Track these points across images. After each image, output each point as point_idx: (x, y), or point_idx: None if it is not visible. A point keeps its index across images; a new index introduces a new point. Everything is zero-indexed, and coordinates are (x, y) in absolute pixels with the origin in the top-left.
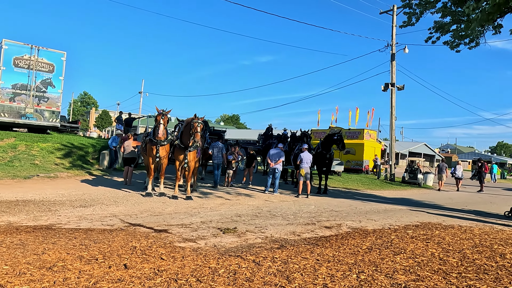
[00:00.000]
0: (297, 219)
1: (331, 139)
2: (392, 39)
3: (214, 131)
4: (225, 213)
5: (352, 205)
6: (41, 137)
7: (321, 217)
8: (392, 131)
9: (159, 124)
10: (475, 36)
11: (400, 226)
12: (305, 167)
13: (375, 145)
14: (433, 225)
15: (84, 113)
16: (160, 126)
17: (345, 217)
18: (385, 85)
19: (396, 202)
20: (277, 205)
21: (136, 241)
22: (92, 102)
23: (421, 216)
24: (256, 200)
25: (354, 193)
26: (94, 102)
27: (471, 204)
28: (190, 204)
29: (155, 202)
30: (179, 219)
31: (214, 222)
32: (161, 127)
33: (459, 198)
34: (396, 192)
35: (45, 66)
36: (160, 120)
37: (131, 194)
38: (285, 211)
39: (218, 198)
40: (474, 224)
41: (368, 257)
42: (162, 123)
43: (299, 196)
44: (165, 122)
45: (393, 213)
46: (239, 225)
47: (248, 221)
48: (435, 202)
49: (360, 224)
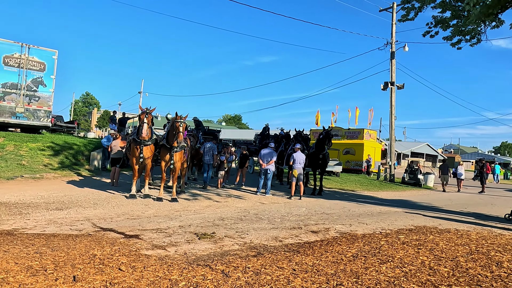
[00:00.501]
0: (283, 223)
1: (320, 138)
2: (391, 37)
3: (209, 130)
4: (209, 216)
5: (346, 207)
6: (32, 137)
7: (310, 221)
8: (392, 131)
9: (142, 123)
10: (476, 33)
11: (392, 230)
12: (297, 167)
13: (375, 145)
14: (428, 229)
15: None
16: (144, 125)
17: (335, 221)
18: (385, 84)
19: (392, 204)
20: (267, 207)
21: (99, 248)
22: (94, 103)
23: (416, 219)
24: (246, 202)
25: (350, 195)
26: (96, 103)
27: (471, 206)
28: (174, 207)
29: (137, 205)
30: (156, 223)
31: (193, 227)
32: (145, 126)
33: (459, 199)
34: (394, 193)
35: (36, 65)
36: (144, 119)
37: (114, 196)
38: (273, 214)
39: (206, 200)
40: (472, 228)
41: (351, 266)
42: (146, 122)
43: (291, 197)
44: (149, 121)
45: (387, 216)
46: (220, 229)
47: (230, 225)
48: (434, 204)
49: (350, 228)
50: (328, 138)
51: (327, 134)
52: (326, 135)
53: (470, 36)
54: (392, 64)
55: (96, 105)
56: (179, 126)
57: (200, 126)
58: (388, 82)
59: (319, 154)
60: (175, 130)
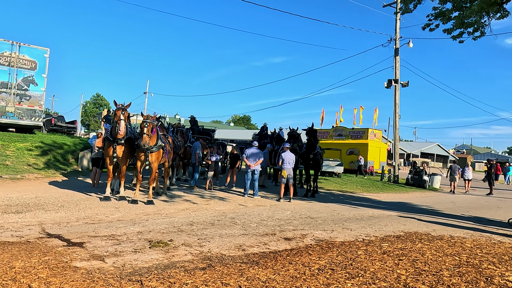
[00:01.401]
0: (258, 228)
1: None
2: (395, 33)
3: (204, 130)
4: (179, 220)
5: (336, 210)
6: (21, 137)
7: (289, 226)
8: (396, 130)
9: (119, 120)
10: (479, 25)
11: (378, 237)
12: (286, 168)
13: (380, 145)
14: (419, 236)
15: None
16: (121, 122)
17: (317, 226)
18: (388, 81)
19: (389, 206)
20: (249, 210)
21: (25, 259)
22: (104, 104)
23: (409, 224)
24: (228, 205)
25: (347, 197)
26: (107, 104)
27: (475, 209)
28: (146, 210)
29: (106, 208)
30: (114, 229)
31: (153, 233)
32: (122, 124)
33: (463, 201)
34: (395, 195)
35: (27, 63)
36: (120, 115)
37: (88, 198)
38: (251, 218)
39: (185, 202)
40: (469, 234)
41: (311, 282)
42: (123, 118)
43: (280, 200)
44: (125, 117)
45: (378, 220)
46: (181, 236)
47: (197, 231)
48: (434, 207)
49: (330, 234)
50: (311, 136)
51: (309, 132)
52: (307, 133)
53: (473, 28)
54: (396, 61)
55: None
56: (143, 127)
57: (195, 125)
58: (392, 80)
59: (309, 153)
60: (140, 131)
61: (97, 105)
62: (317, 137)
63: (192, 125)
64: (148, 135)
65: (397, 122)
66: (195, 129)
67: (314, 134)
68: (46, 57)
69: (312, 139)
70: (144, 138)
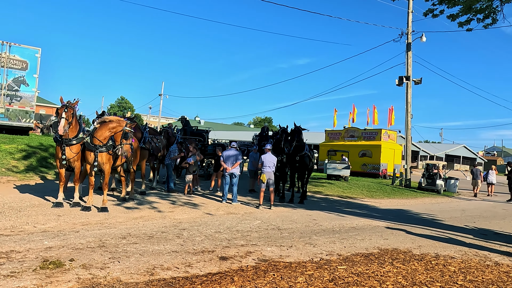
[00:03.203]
0: (200, 244)
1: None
2: (407, 26)
3: (198, 130)
4: (114, 232)
5: (316, 219)
6: (9, 139)
7: (241, 240)
8: (408, 131)
9: (60, 118)
10: (491, 11)
11: (341, 256)
12: (267, 171)
13: (394, 146)
14: (395, 254)
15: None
16: (62, 120)
17: (276, 240)
18: (399, 78)
19: (384, 215)
20: (212, 219)
21: None
22: (128, 107)
23: (393, 238)
24: (194, 213)
25: (343, 203)
26: (131, 107)
27: (486, 218)
28: (90, 219)
29: (46, 215)
30: (23, 243)
31: (64, 249)
32: (62, 122)
33: (475, 209)
34: (400, 201)
35: (18, 64)
36: (62, 113)
37: (43, 204)
38: (206, 229)
39: (146, 210)
40: (461, 252)
41: None
42: (64, 116)
43: (259, 206)
44: (68, 115)
45: (356, 233)
46: (93, 254)
47: (121, 246)
48: (438, 216)
49: (284, 252)
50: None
51: (294, 131)
52: (292, 132)
53: (484, 15)
54: (408, 57)
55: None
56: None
57: (187, 125)
58: (404, 77)
59: (295, 155)
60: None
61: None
62: (302, 138)
63: (184, 126)
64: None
65: (409, 121)
66: (187, 129)
67: (300, 134)
68: (37, 57)
69: (291, 139)
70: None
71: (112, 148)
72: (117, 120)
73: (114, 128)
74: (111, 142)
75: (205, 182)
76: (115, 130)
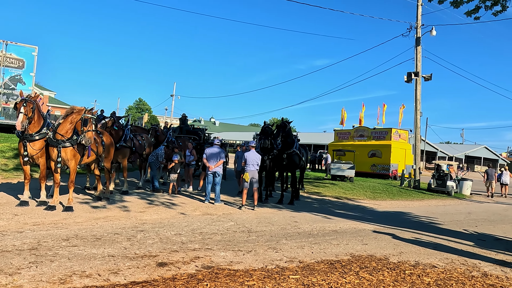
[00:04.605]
0: (147, 248)
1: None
2: (417, 20)
3: (194, 129)
4: (60, 233)
5: (297, 222)
6: (5, 137)
7: (196, 244)
8: (417, 129)
9: (18, 112)
10: None
11: (303, 262)
12: (250, 170)
13: (405, 146)
14: (366, 262)
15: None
16: (20, 115)
17: (237, 244)
18: (408, 74)
19: (377, 218)
20: (182, 220)
21: None
22: (146, 108)
23: (374, 243)
24: (167, 213)
25: (338, 204)
26: (148, 108)
27: (490, 222)
28: (47, 219)
29: (1, 214)
30: None
31: None
32: (20, 117)
33: (482, 212)
34: (401, 203)
35: (14, 62)
36: (21, 108)
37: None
38: (166, 231)
39: (115, 210)
40: (447, 260)
41: None
42: (23, 111)
43: (242, 207)
44: (28, 110)
45: (334, 237)
46: (16, 258)
47: (55, 249)
48: (438, 219)
49: (238, 258)
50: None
51: (280, 127)
52: (278, 128)
53: (492, 2)
54: (417, 52)
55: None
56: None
57: (184, 124)
58: (412, 73)
59: (283, 153)
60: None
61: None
62: (291, 134)
63: (181, 124)
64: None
65: (418, 119)
66: (184, 128)
67: (288, 130)
68: (34, 55)
69: (286, 135)
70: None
71: (76, 143)
72: (78, 109)
73: (74, 118)
74: (75, 136)
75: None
76: (75, 120)
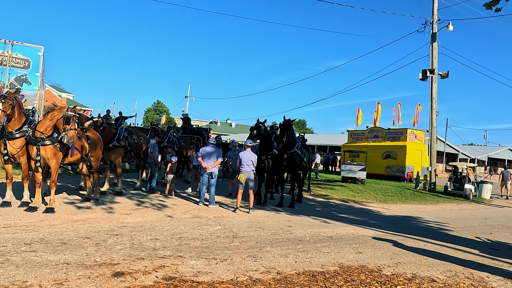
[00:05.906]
0: (109, 254)
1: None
2: (432, 15)
3: (198, 129)
4: (27, 237)
5: (292, 226)
6: None
7: (168, 251)
8: (433, 129)
9: None
10: None
11: (280, 275)
12: (245, 171)
13: (422, 147)
14: (354, 274)
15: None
16: None
17: (213, 252)
18: (423, 72)
19: (381, 223)
20: (164, 223)
21: None
22: (164, 110)
23: (369, 252)
24: (153, 215)
25: (343, 208)
26: (166, 110)
27: (507, 229)
28: (22, 220)
29: None
30: None
31: None
32: None
33: (500, 217)
34: (412, 207)
35: (20, 62)
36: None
37: None
38: (143, 235)
39: (99, 211)
40: (451, 273)
41: None
42: (1, 108)
43: (236, 210)
44: (6, 107)
45: (327, 244)
46: None
47: (11, 254)
48: (448, 225)
49: (209, 267)
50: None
51: (283, 126)
52: (281, 127)
53: None
54: (433, 48)
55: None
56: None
57: (187, 123)
58: (428, 70)
59: (283, 154)
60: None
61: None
62: (294, 133)
63: (184, 124)
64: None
65: (434, 119)
66: (187, 128)
67: (290, 129)
68: (40, 55)
69: (288, 135)
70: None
71: (57, 141)
72: (59, 106)
73: (55, 116)
74: (56, 134)
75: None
76: (56, 117)
